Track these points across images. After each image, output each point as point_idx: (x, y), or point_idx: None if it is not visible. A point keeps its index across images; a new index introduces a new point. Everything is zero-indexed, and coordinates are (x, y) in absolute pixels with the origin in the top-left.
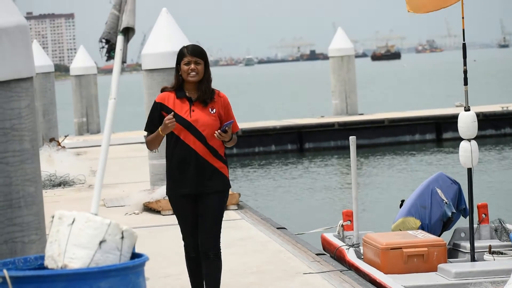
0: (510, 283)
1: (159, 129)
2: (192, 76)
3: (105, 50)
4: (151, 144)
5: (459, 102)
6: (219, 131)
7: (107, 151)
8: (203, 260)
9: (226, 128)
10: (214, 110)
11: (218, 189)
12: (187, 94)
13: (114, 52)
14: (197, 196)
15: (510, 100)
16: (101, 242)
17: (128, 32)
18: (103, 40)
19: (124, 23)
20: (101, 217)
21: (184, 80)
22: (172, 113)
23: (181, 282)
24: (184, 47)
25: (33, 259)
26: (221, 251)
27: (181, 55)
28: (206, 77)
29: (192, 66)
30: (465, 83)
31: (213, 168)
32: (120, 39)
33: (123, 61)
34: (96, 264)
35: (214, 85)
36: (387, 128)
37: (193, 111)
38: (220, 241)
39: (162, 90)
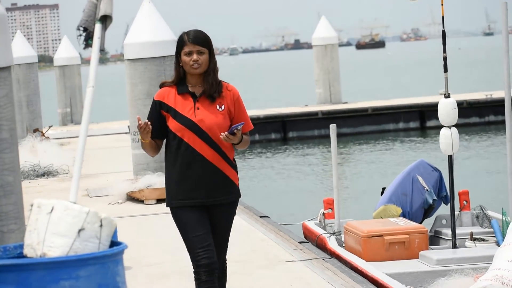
0: (492, 269)
1: (139, 136)
2: (194, 68)
3: (82, 38)
4: (146, 151)
5: (443, 90)
6: (226, 133)
7: (85, 139)
8: None
9: (235, 130)
10: (223, 107)
11: (229, 200)
12: (190, 89)
13: (92, 40)
14: (205, 206)
15: (494, 88)
16: (79, 231)
17: (105, 20)
18: (81, 28)
19: (102, 11)
20: (79, 205)
21: (185, 72)
22: (143, 120)
23: (163, 271)
24: (184, 33)
25: (12, 248)
26: (226, 262)
27: (181, 43)
28: (211, 68)
29: (195, 56)
30: (445, 70)
31: (223, 176)
32: (97, 27)
33: (101, 49)
34: (75, 252)
35: None
36: (371, 117)
37: (197, 109)
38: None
39: (161, 86)
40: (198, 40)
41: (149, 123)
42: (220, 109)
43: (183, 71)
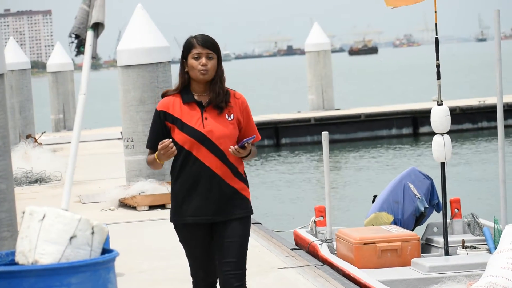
0: (485, 276)
1: (155, 155)
2: (202, 73)
3: (74, 45)
4: (152, 167)
5: (436, 97)
6: (236, 146)
7: (77, 146)
8: None
9: (246, 144)
10: (232, 116)
11: (239, 215)
12: (196, 97)
13: (83, 47)
14: (213, 224)
15: (487, 94)
16: (71, 238)
17: (97, 27)
18: (73, 35)
19: (94, 18)
20: (71, 212)
21: (191, 79)
22: (169, 139)
23: (156, 277)
24: (192, 37)
25: (4, 255)
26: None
27: (189, 46)
28: (218, 76)
29: (203, 60)
30: (438, 77)
31: (233, 191)
32: (89, 34)
33: (93, 57)
34: (67, 259)
35: None
36: (363, 123)
37: (206, 119)
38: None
39: (164, 95)
40: (208, 43)
41: (172, 145)
42: (230, 119)
43: (188, 77)
